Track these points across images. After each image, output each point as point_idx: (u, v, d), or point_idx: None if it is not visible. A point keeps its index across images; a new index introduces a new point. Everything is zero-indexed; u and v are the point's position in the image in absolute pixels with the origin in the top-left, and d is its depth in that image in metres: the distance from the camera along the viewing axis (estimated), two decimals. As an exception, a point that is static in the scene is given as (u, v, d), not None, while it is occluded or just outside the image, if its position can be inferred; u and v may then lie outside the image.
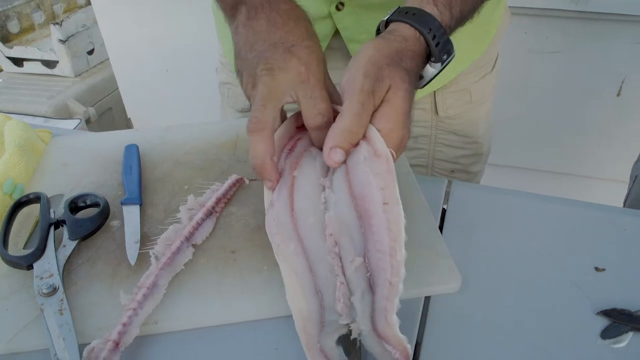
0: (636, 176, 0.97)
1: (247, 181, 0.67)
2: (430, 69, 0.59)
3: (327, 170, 0.58)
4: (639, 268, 0.58)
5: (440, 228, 0.64)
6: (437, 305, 0.54)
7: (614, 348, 0.50)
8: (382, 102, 0.54)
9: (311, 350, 0.46)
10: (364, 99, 0.52)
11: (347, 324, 0.48)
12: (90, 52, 2.20)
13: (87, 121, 2.05)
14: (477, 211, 0.67)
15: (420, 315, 0.54)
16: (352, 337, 0.47)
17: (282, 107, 0.57)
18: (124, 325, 0.49)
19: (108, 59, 2.05)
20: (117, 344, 0.48)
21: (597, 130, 1.67)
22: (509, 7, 0.95)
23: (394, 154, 0.53)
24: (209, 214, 0.61)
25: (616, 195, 1.07)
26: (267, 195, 0.57)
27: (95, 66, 2.23)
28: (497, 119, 1.49)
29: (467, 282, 0.56)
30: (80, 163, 0.72)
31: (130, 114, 2.12)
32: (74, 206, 0.63)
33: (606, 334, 0.51)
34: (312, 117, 0.55)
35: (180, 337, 0.52)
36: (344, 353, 0.47)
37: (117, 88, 2.08)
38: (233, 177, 0.66)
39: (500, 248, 0.61)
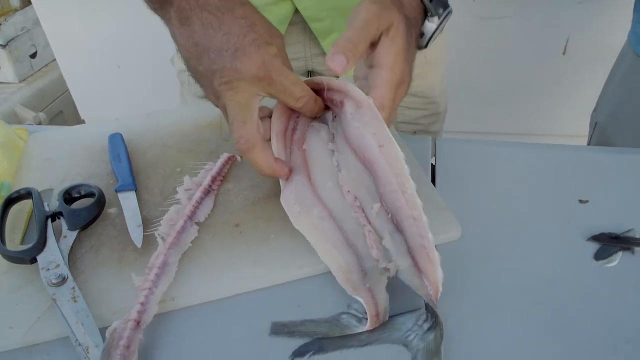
0: (596, 123, 1.03)
1: (238, 158, 0.68)
2: (428, 25, 0.61)
3: (333, 136, 0.61)
4: (617, 196, 0.64)
5: (432, 183, 0.67)
6: (442, 257, 0.57)
7: (607, 267, 0.56)
8: (381, 35, 0.54)
9: (362, 293, 0.49)
10: (368, 18, 0.53)
11: (385, 268, 0.50)
12: (33, 56, 2.13)
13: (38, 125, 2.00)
14: (463, 163, 0.70)
15: None
16: (390, 275, 0.50)
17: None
18: (142, 304, 0.50)
19: (54, 60, 1.99)
20: (138, 323, 0.49)
21: (547, 89, 1.74)
22: None
23: (387, 97, 0.54)
24: (206, 192, 0.62)
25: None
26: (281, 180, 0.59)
27: (40, 69, 2.16)
28: (452, 86, 1.53)
29: (466, 229, 0.60)
30: (63, 156, 0.71)
31: (83, 115, 2.07)
32: (68, 197, 0.62)
33: (599, 255, 0.57)
34: (295, 103, 0.56)
35: (198, 311, 0.52)
36: None
37: (67, 90, 2.02)
38: (225, 156, 0.67)
39: (491, 194, 0.65)
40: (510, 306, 0.52)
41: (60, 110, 2.15)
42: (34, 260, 0.55)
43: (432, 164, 0.70)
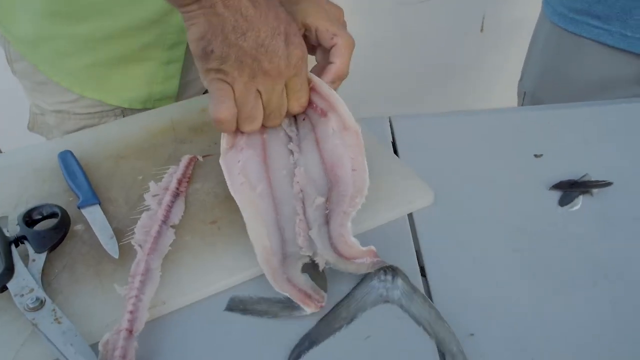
0: (524, 92, 1.09)
1: (200, 158, 0.67)
2: None
3: (290, 140, 0.64)
4: (567, 148, 0.70)
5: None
6: (421, 222, 0.61)
7: (572, 211, 0.60)
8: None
9: (277, 280, 0.50)
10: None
11: (309, 256, 0.52)
12: None
13: None
14: (421, 137, 0.73)
15: (411, 234, 0.59)
16: (320, 269, 0.51)
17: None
18: (131, 312, 0.49)
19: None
20: (130, 332, 0.47)
21: (473, 67, 1.81)
22: None
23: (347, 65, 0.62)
24: (175, 195, 0.61)
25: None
26: (227, 135, 0.60)
27: None
28: (383, 73, 1.57)
29: (436, 195, 0.62)
30: (10, 182, 0.67)
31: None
32: (30, 220, 0.59)
33: (562, 201, 0.61)
34: (293, 108, 0.61)
35: (193, 311, 0.52)
36: (310, 278, 0.51)
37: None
38: (186, 157, 0.66)
39: (452, 161, 0.68)
40: (489, 256, 0.56)
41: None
42: (4, 288, 0.53)
43: (391, 141, 0.72)
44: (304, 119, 0.64)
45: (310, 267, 0.52)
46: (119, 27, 0.57)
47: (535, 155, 0.68)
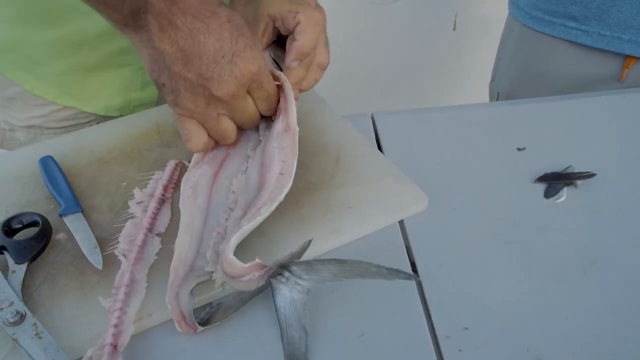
0: (498, 93, 1.09)
1: (186, 163, 0.65)
2: None
3: (259, 143, 0.63)
4: (550, 140, 0.71)
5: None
6: (409, 219, 0.61)
7: (558, 203, 0.61)
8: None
9: (171, 292, 0.49)
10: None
11: (211, 272, 0.50)
12: None
13: None
14: (404, 133, 0.73)
15: (401, 231, 0.59)
16: (216, 286, 0.50)
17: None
18: (116, 326, 0.47)
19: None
20: (114, 347, 0.46)
21: (446, 66, 1.81)
22: None
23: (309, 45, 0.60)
24: (161, 202, 0.59)
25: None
26: (195, 157, 0.62)
27: None
28: (358, 73, 1.56)
29: (423, 192, 0.62)
30: (-10, 189, 0.65)
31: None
32: (9, 230, 0.57)
33: (547, 193, 0.62)
34: (264, 111, 0.60)
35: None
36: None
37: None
38: (172, 163, 0.64)
39: (437, 157, 0.69)
40: (479, 250, 0.56)
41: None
42: (-17, 302, 0.51)
43: (375, 139, 0.72)
44: (269, 124, 0.64)
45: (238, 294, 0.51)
46: (93, 31, 0.56)
47: (518, 149, 0.69)
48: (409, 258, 0.55)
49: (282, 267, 0.49)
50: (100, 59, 0.79)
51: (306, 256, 0.53)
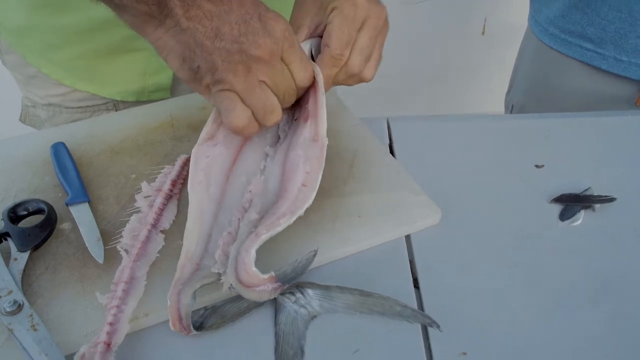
0: (512, 105, 1.07)
1: (197, 159, 0.64)
2: None
3: (276, 142, 0.60)
4: (570, 159, 0.67)
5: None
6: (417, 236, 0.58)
7: (573, 226, 0.58)
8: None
9: (174, 289, 0.47)
10: None
11: (219, 273, 0.49)
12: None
13: None
14: (419, 140, 0.71)
15: (406, 243, 0.57)
16: (223, 290, 0.48)
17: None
18: (111, 324, 0.46)
19: None
20: (108, 345, 0.45)
21: (471, 70, 1.78)
22: None
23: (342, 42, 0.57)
24: (168, 198, 0.58)
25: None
26: (211, 125, 0.58)
27: None
28: (384, 72, 1.53)
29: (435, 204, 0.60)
30: (0, 173, 0.65)
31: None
32: (14, 216, 0.57)
33: (563, 216, 0.59)
34: (290, 85, 0.55)
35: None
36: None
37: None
38: (182, 157, 0.63)
39: (451, 168, 0.66)
40: (485, 269, 0.54)
41: None
42: (-18, 289, 0.50)
43: (389, 144, 0.70)
44: (296, 119, 0.60)
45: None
46: (108, 16, 0.54)
47: (537, 166, 0.66)
48: (412, 273, 0.54)
49: (297, 287, 0.48)
50: (114, 44, 0.79)
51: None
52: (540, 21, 0.93)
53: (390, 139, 0.71)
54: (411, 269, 0.54)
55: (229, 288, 0.48)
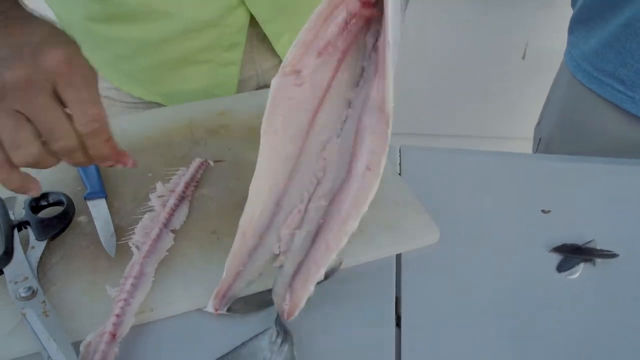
0: (540, 138, 1.04)
1: (211, 163, 0.67)
2: None
3: (360, 79, 0.49)
4: (579, 206, 0.65)
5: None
6: (407, 264, 0.58)
7: (570, 279, 0.56)
8: None
9: (234, 266, 0.47)
10: None
11: (278, 254, 0.47)
12: None
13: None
14: (428, 171, 0.70)
15: (395, 276, 0.56)
16: (274, 264, 0.47)
17: None
18: (118, 316, 0.49)
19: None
20: (113, 336, 0.48)
21: (506, 92, 1.77)
22: None
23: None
24: (181, 199, 0.61)
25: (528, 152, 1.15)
26: (298, 48, 0.45)
27: None
28: (410, 87, 1.55)
29: None
30: (26, 163, 0.68)
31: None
32: (35, 206, 0.60)
33: (561, 267, 0.57)
34: (78, 126, 0.47)
35: (178, 321, 0.51)
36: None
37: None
38: (197, 161, 0.66)
39: (455, 203, 0.65)
40: (477, 315, 0.52)
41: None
42: (0, 272, 0.53)
43: (398, 172, 0.70)
44: (375, 51, 0.48)
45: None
46: (175, 29, 0.55)
47: (543, 211, 0.63)
48: (395, 309, 0.53)
49: (285, 333, 0.48)
50: (180, 56, 0.81)
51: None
52: (575, 56, 0.91)
53: (400, 167, 0.70)
54: (396, 305, 0.53)
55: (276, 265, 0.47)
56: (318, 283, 0.47)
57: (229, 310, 0.50)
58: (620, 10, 0.80)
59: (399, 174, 0.70)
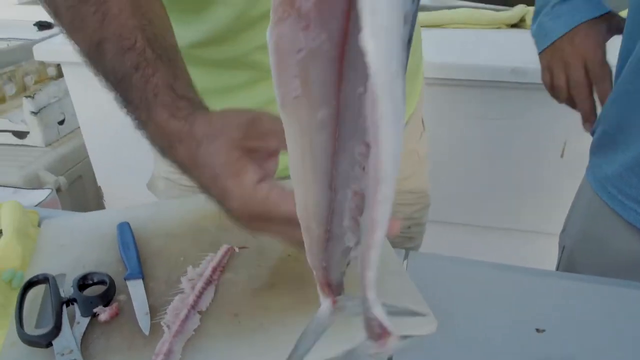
0: (564, 246, 1.04)
1: (236, 249, 0.75)
2: None
3: None
4: (574, 327, 0.66)
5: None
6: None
7: None
8: None
9: (317, 261, 0.39)
10: None
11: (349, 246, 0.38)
12: (61, 123, 2.23)
13: (58, 190, 2.06)
14: (431, 280, 0.71)
15: None
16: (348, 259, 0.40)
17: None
18: (149, 390, 0.55)
19: (79, 127, 2.09)
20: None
21: (543, 188, 1.76)
22: (456, 79, 1.05)
23: None
24: (208, 282, 0.68)
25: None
26: None
27: (65, 135, 2.24)
28: (442, 178, 1.58)
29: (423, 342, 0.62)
30: (76, 243, 0.77)
31: (100, 182, 2.15)
32: (81, 284, 0.68)
33: None
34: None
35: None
36: None
37: (87, 156, 2.12)
38: (224, 247, 0.74)
39: (451, 314, 0.66)
40: None
41: (79, 175, 2.22)
42: (49, 345, 0.61)
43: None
44: None
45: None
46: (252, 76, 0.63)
47: (537, 330, 0.64)
48: None
49: None
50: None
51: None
52: (597, 176, 0.91)
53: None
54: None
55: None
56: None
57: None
58: None
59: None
